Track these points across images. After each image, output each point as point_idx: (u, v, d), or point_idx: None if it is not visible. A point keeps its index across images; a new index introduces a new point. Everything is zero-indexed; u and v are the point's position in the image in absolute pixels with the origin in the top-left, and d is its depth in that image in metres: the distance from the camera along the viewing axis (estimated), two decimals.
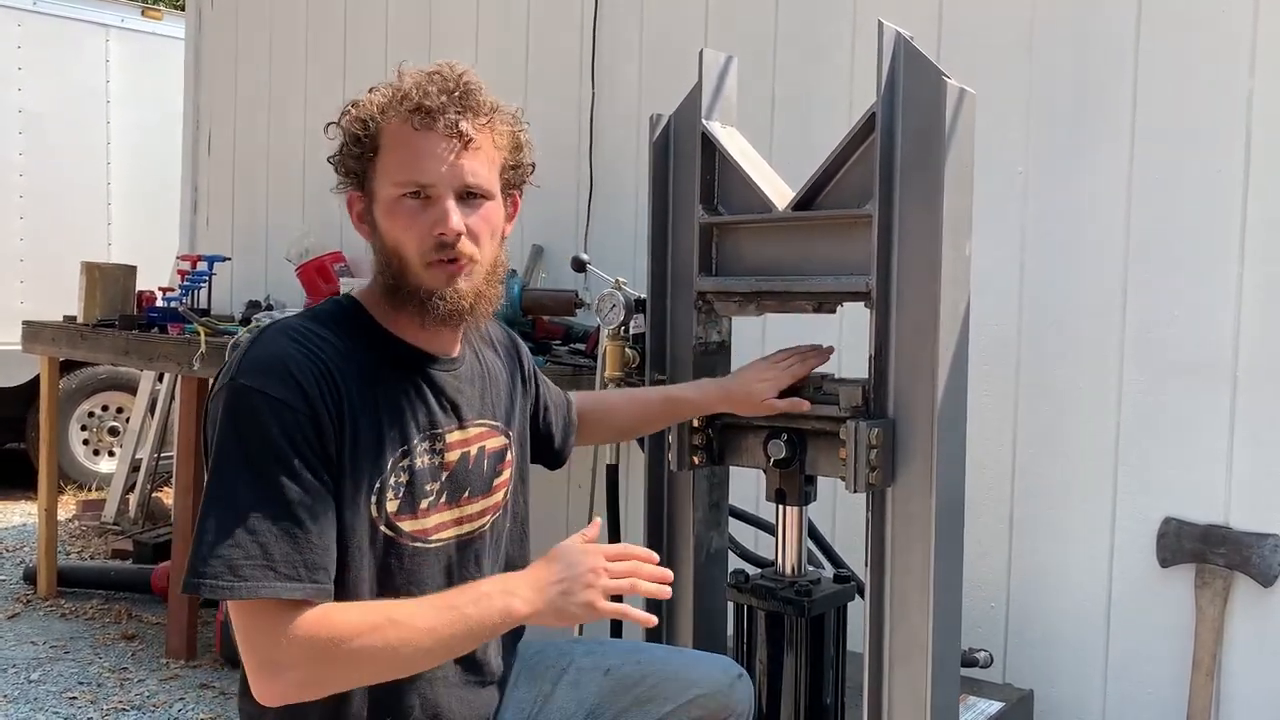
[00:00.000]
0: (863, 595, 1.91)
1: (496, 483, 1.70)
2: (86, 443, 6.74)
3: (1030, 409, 2.73)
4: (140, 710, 3.44)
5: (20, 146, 6.50)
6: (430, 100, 1.49)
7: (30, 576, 4.71)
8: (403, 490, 1.52)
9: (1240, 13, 2.44)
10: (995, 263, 2.70)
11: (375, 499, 1.49)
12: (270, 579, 1.34)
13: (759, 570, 2.17)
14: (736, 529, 2.53)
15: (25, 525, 5.84)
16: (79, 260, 4.73)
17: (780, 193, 2.00)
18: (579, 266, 2.85)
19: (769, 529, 2.52)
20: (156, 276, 5.26)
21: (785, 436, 1.98)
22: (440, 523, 1.58)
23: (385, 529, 1.51)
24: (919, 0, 2.86)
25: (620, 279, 2.62)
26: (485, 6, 3.94)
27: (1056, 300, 2.68)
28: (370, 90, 1.55)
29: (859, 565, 2.00)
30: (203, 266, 4.41)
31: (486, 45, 3.93)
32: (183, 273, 4.54)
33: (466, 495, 1.63)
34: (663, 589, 1.53)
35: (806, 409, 1.94)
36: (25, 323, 4.75)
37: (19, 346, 4.81)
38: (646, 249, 2.19)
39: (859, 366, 1.91)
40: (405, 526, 1.53)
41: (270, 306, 4.22)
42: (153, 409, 5.96)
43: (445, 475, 1.59)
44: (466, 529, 1.63)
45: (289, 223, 4.71)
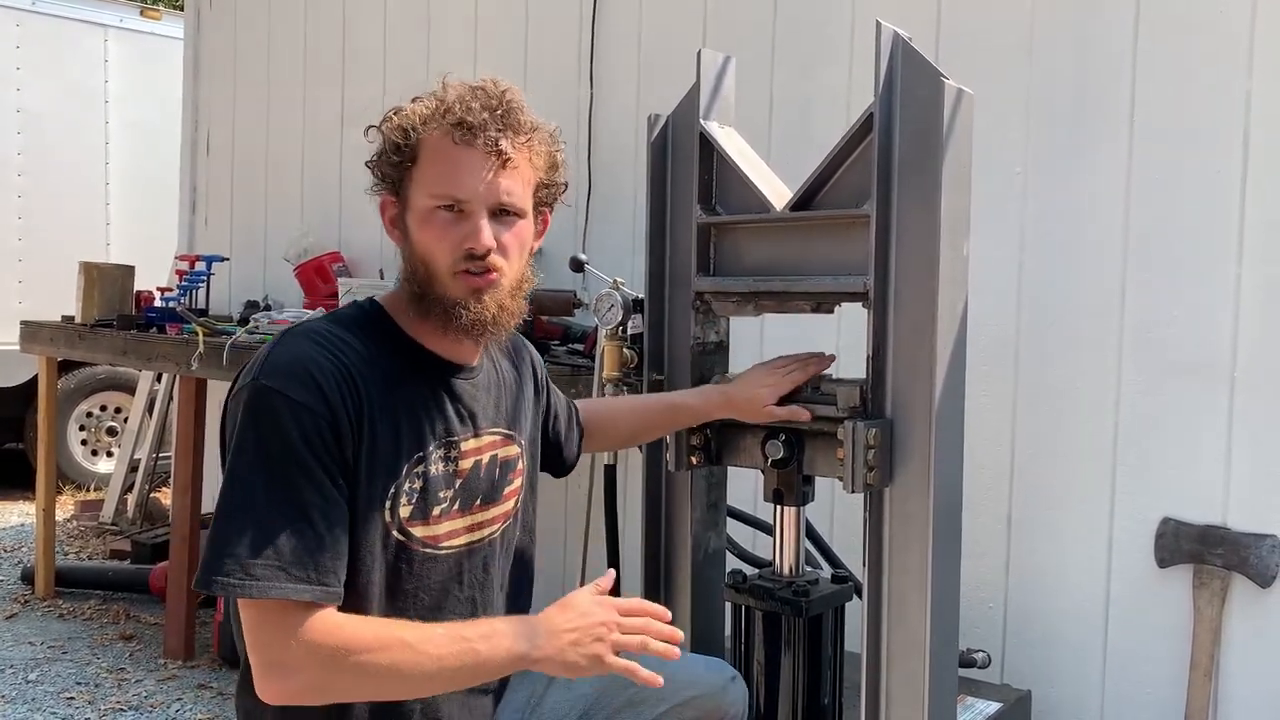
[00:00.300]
0: (860, 595, 1.91)
1: (507, 491, 1.71)
2: (85, 443, 6.74)
3: (1029, 409, 2.72)
4: (138, 710, 3.44)
5: (19, 146, 6.50)
6: (473, 116, 1.50)
7: (28, 577, 4.70)
8: (416, 496, 1.53)
9: (1238, 14, 2.44)
10: (994, 263, 2.70)
11: (389, 504, 1.50)
12: (281, 580, 1.36)
13: (757, 570, 2.17)
14: (734, 529, 2.53)
15: (23, 525, 5.84)
16: (77, 260, 4.73)
17: (778, 193, 2.00)
18: (577, 267, 2.85)
19: (767, 529, 2.52)
20: (155, 276, 5.26)
21: (783, 437, 1.98)
22: (452, 530, 1.59)
23: (397, 534, 1.52)
24: (918, 1, 2.86)
25: (618, 279, 2.62)
26: (484, 7, 3.94)
27: (1055, 300, 2.68)
28: (414, 100, 1.56)
29: (857, 565, 2.00)
30: (201, 266, 4.41)
31: (485, 45, 3.93)
32: (181, 273, 4.54)
33: (478, 503, 1.64)
34: (672, 650, 1.51)
35: (807, 419, 1.93)
36: (23, 322, 4.75)
37: (17, 346, 4.81)
38: (644, 249, 2.19)
39: (857, 367, 1.91)
40: (417, 532, 1.54)
41: (268, 307, 4.22)
42: (151, 409, 5.96)
43: (459, 483, 1.60)
44: (477, 536, 1.64)
45: (287, 223, 4.71)
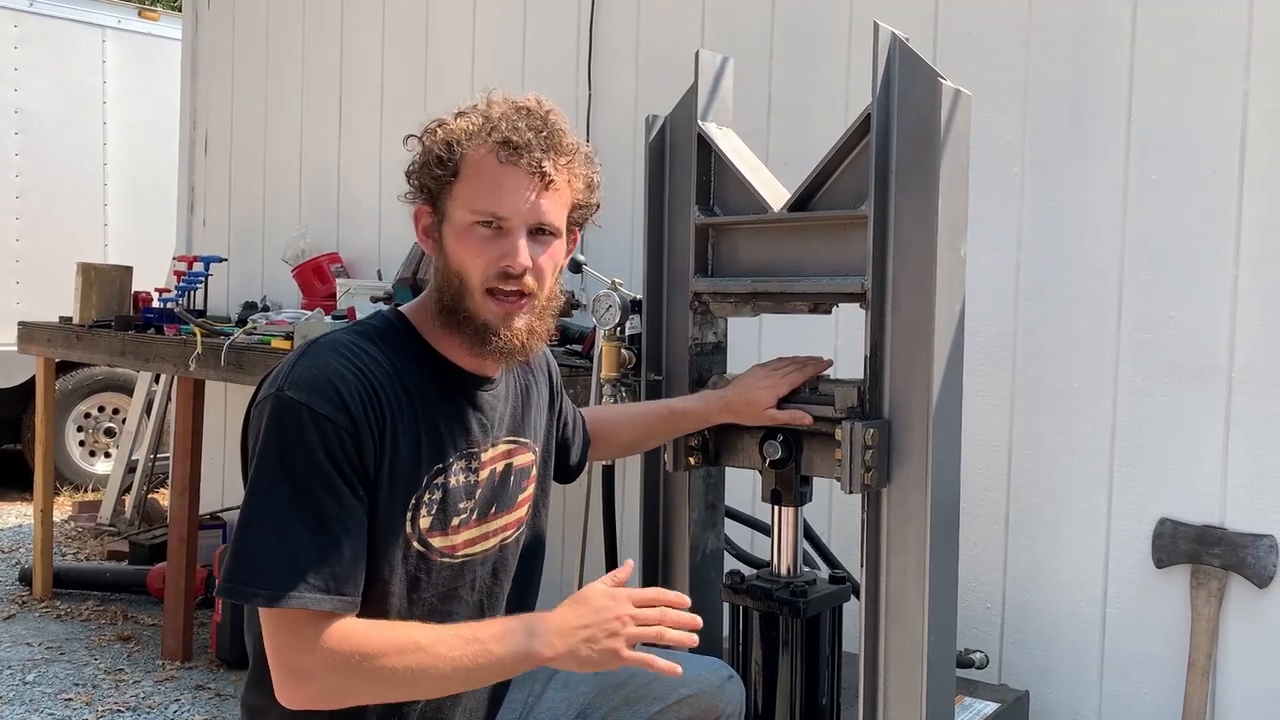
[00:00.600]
0: (858, 596, 1.91)
1: (521, 498, 1.73)
2: (83, 444, 6.73)
3: (1026, 409, 2.73)
4: (136, 711, 3.43)
5: (17, 147, 6.50)
6: (518, 136, 1.51)
7: (26, 578, 4.70)
8: (436, 507, 1.55)
9: (1235, 14, 2.44)
10: (991, 264, 2.70)
11: (410, 515, 1.52)
12: (302, 590, 1.38)
13: (754, 571, 2.17)
14: (732, 529, 2.53)
15: (21, 526, 5.83)
16: (75, 261, 4.73)
17: (776, 194, 2.00)
18: (575, 267, 2.85)
19: (764, 530, 2.52)
20: (153, 277, 5.26)
21: (781, 437, 1.98)
22: (468, 539, 1.61)
23: (418, 544, 1.54)
24: (915, 1, 2.86)
25: (616, 280, 2.62)
26: (481, 8, 3.94)
27: (1052, 301, 2.68)
28: (457, 115, 1.57)
29: (854, 566, 2.00)
30: (199, 267, 4.40)
31: (482, 46, 3.93)
32: (179, 273, 4.54)
33: (494, 511, 1.66)
34: (690, 637, 1.52)
35: (808, 423, 1.93)
36: (21, 323, 4.75)
37: (15, 347, 4.81)
38: (642, 250, 2.19)
39: (854, 367, 1.91)
40: (436, 543, 1.56)
41: (266, 307, 4.22)
42: (149, 410, 5.96)
43: (478, 492, 1.62)
44: (491, 543, 1.66)
45: (285, 224, 4.71)
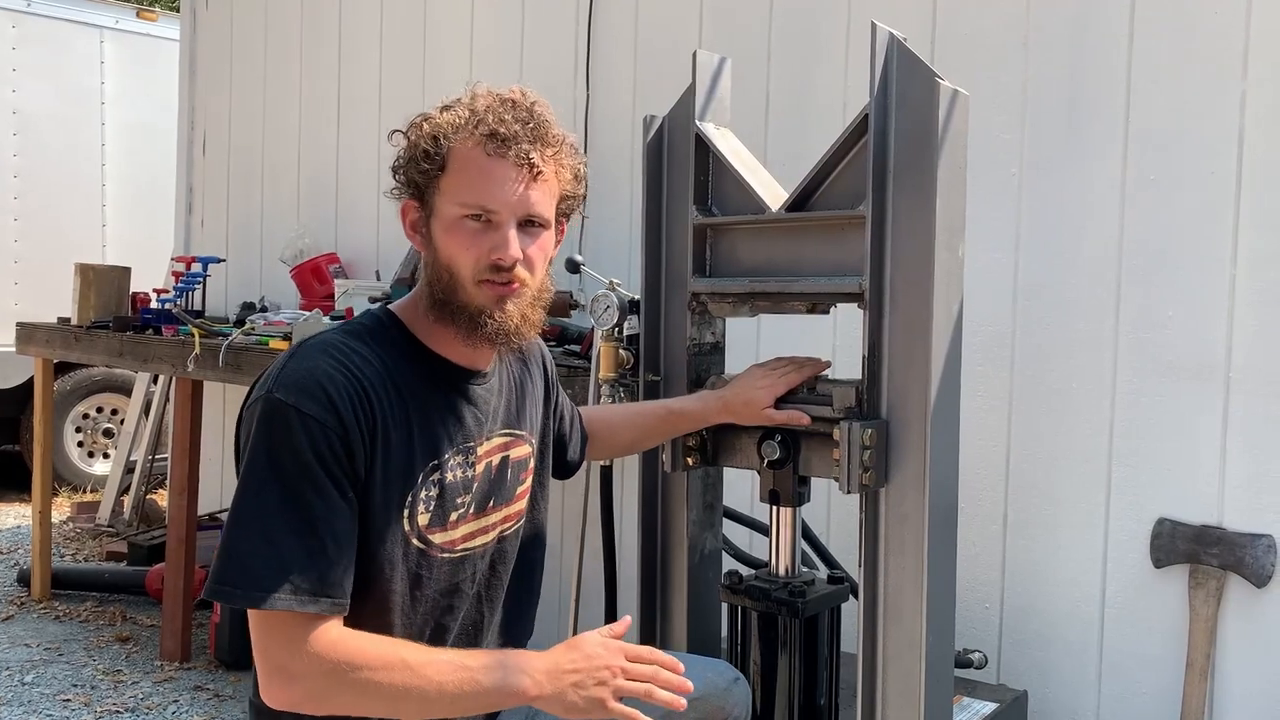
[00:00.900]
0: (856, 596, 1.91)
1: (519, 490, 1.73)
2: (81, 445, 6.73)
3: (1024, 409, 2.73)
4: (134, 712, 3.43)
5: (15, 148, 6.49)
6: (505, 128, 1.51)
7: (25, 578, 4.70)
8: (433, 504, 1.55)
9: (1233, 14, 2.44)
10: (989, 264, 2.70)
11: (407, 513, 1.52)
12: (288, 592, 1.37)
13: (753, 571, 2.17)
14: (730, 530, 2.53)
15: (19, 527, 5.83)
16: (73, 261, 4.73)
17: (774, 194, 2.00)
18: (573, 268, 2.85)
19: (763, 530, 2.52)
20: (151, 278, 5.26)
21: (779, 438, 1.98)
22: (467, 533, 1.61)
23: (417, 542, 1.53)
24: (913, 2, 2.86)
25: (614, 280, 2.62)
26: (480, 7, 3.94)
27: (1050, 301, 2.68)
28: (442, 109, 1.56)
29: (853, 566, 2.00)
30: (197, 268, 4.40)
31: (481, 45, 3.93)
32: (177, 274, 4.53)
33: (492, 504, 1.66)
34: (678, 700, 1.50)
35: (806, 423, 1.93)
36: (19, 324, 4.75)
37: (13, 348, 4.81)
38: (640, 250, 2.19)
39: (852, 367, 1.91)
40: (436, 539, 1.56)
41: (265, 308, 4.22)
42: (147, 411, 5.95)
43: (475, 486, 1.62)
44: (490, 537, 1.66)
45: (283, 224, 4.71)
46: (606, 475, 2.85)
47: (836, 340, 2.82)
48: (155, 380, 5.86)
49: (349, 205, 4.45)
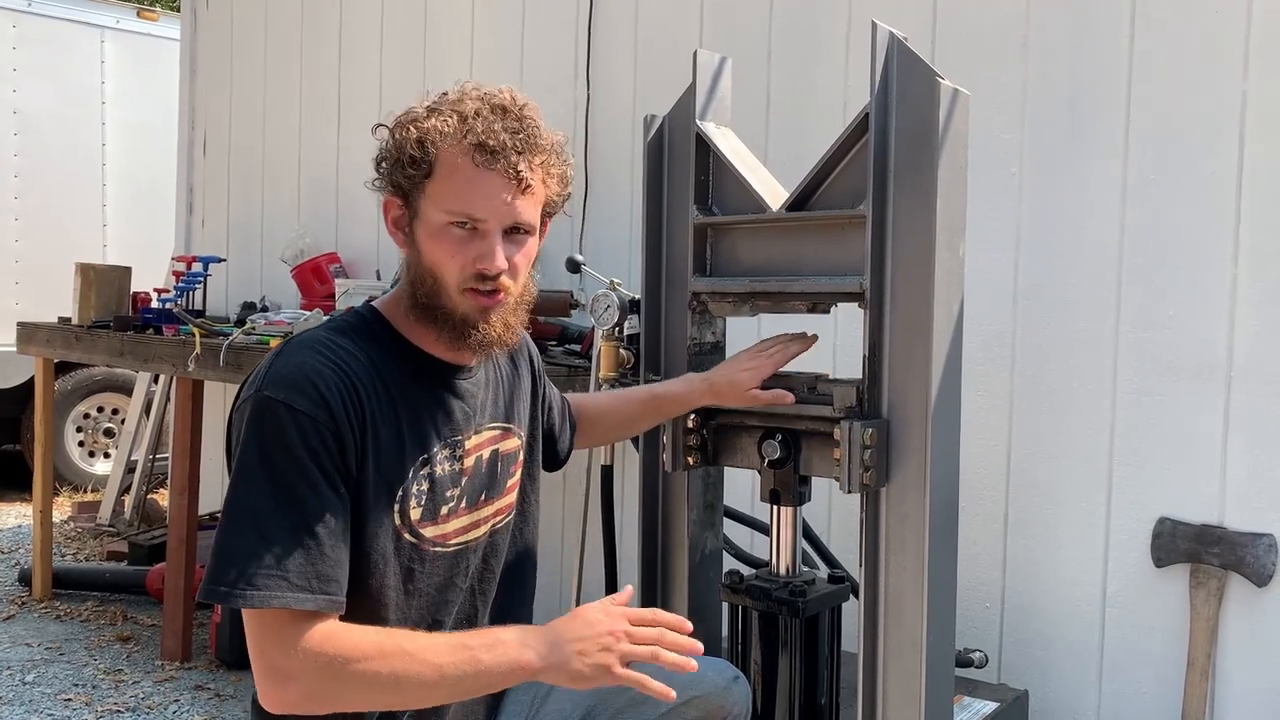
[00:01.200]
0: (857, 595, 1.91)
1: (509, 484, 1.73)
2: (82, 444, 6.73)
3: (1025, 409, 2.73)
4: (135, 712, 3.43)
5: (15, 147, 6.49)
6: (494, 139, 1.50)
7: (25, 578, 4.70)
8: (425, 498, 1.55)
9: (1234, 13, 2.44)
10: (989, 263, 2.70)
11: (399, 507, 1.51)
12: (283, 589, 1.37)
13: (753, 571, 2.17)
14: (731, 529, 2.53)
15: (20, 527, 5.83)
16: (74, 261, 4.72)
17: (774, 193, 2.00)
18: (574, 267, 2.85)
19: (763, 529, 2.52)
20: (152, 277, 5.26)
21: (780, 437, 1.98)
22: (459, 527, 1.62)
23: (409, 536, 1.53)
24: (914, 1, 2.86)
25: (615, 280, 2.62)
26: (480, 7, 3.94)
27: (1051, 300, 2.68)
28: (429, 111, 1.54)
29: (853, 565, 2.00)
30: (198, 267, 4.40)
31: (481, 46, 3.93)
32: (178, 274, 4.53)
33: (482, 498, 1.66)
34: (688, 662, 1.47)
35: (791, 401, 1.94)
36: (20, 324, 4.74)
37: (14, 348, 4.81)
38: (641, 250, 2.19)
39: (853, 367, 1.91)
40: (428, 533, 1.56)
41: (265, 308, 4.22)
42: (148, 410, 5.95)
43: (464, 480, 1.62)
44: (484, 529, 1.67)
45: (284, 224, 4.71)
46: (607, 475, 2.86)
47: (837, 340, 2.82)
48: (156, 380, 5.85)
49: (349, 205, 4.45)
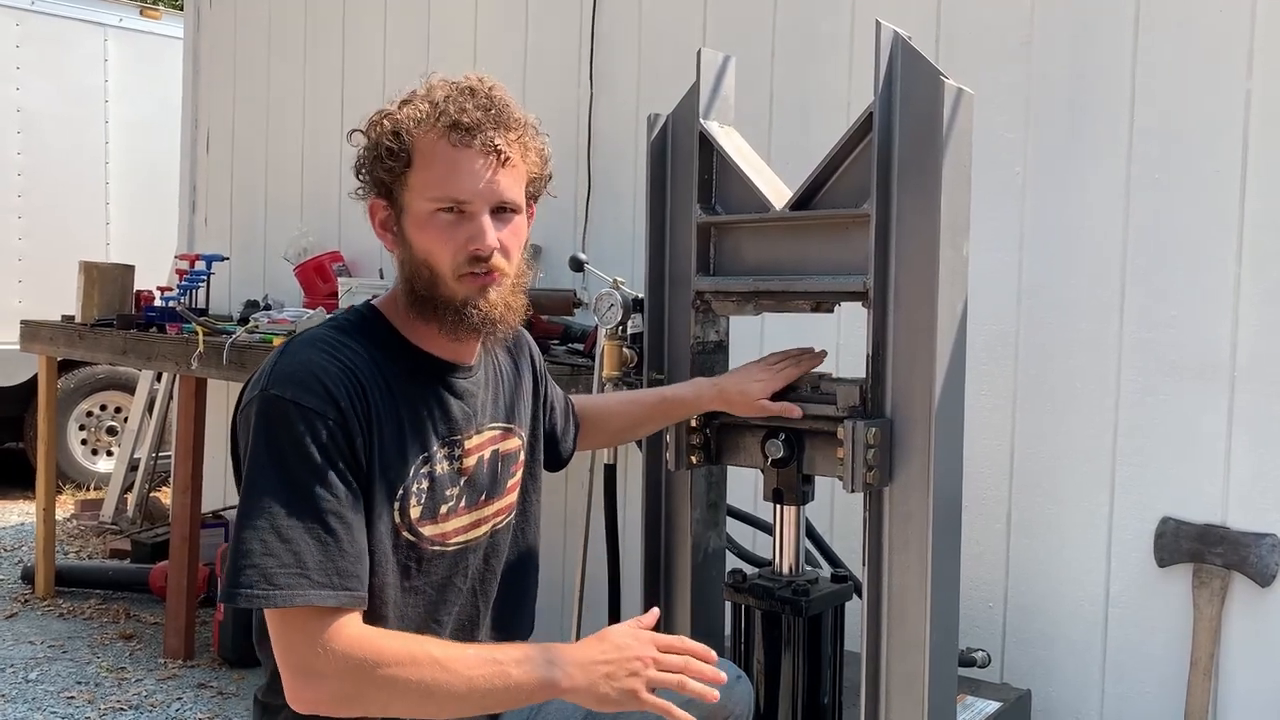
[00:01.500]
0: (860, 595, 1.91)
1: (510, 484, 1.73)
2: (85, 442, 6.74)
3: (1028, 408, 2.73)
4: (138, 710, 3.44)
5: (18, 146, 6.50)
6: (467, 117, 1.50)
7: (28, 576, 4.71)
8: (424, 497, 1.55)
9: (1238, 13, 2.44)
10: (993, 262, 2.70)
11: (399, 506, 1.51)
12: (305, 587, 1.36)
13: (756, 570, 2.17)
14: (734, 528, 2.53)
15: (23, 524, 5.84)
16: (77, 259, 4.73)
17: (778, 192, 2.00)
18: (577, 266, 2.85)
19: (766, 529, 2.52)
20: (155, 276, 5.25)
21: (783, 436, 1.98)
22: (459, 526, 1.61)
23: (408, 534, 1.53)
24: (917, 0, 2.86)
25: (618, 278, 2.62)
26: (483, 6, 3.94)
27: (1054, 300, 2.68)
28: (401, 103, 1.55)
29: (856, 565, 2.00)
30: (201, 266, 4.40)
31: (484, 45, 3.93)
32: (181, 272, 4.54)
33: (483, 498, 1.66)
34: (711, 692, 1.48)
35: (798, 415, 1.94)
36: (23, 322, 4.75)
37: (17, 346, 4.81)
38: (644, 248, 2.19)
39: (856, 366, 1.91)
40: (427, 532, 1.56)
41: (268, 306, 4.22)
42: (151, 408, 5.96)
43: (464, 480, 1.62)
44: (485, 529, 1.66)
45: (287, 222, 4.71)
46: (610, 474, 2.86)
47: (840, 339, 2.81)
48: (159, 378, 5.86)
49: (352, 203, 4.42)
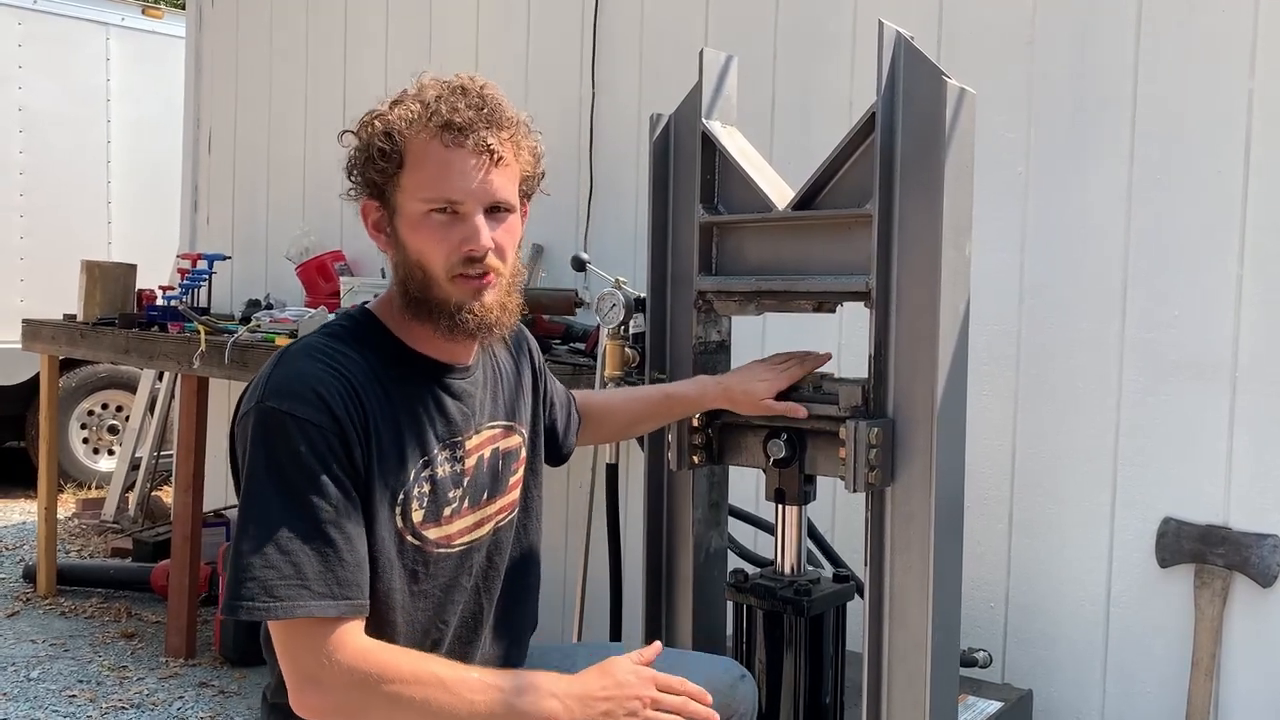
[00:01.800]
0: (862, 595, 1.91)
1: (511, 481, 1.73)
2: (86, 441, 6.74)
3: (1030, 409, 2.73)
4: (139, 708, 3.44)
5: (21, 145, 6.50)
6: (459, 116, 1.49)
7: (30, 575, 4.71)
8: (426, 500, 1.54)
9: (1240, 13, 2.44)
10: (995, 262, 2.70)
11: (400, 510, 1.51)
12: (305, 598, 1.37)
13: (758, 570, 2.17)
14: (736, 528, 2.53)
15: (25, 523, 5.84)
16: (79, 258, 4.73)
17: (780, 192, 2.00)
18: (579, 265, 2.85)
19: (768, 528, 2.52)
20: (157, 275, 5.26)
21: (785, 436, 1.97)
22: (463, 527, 1.61)
23: (412, 538, 1.53)
24: (919, 0, 2.86)
25: (620, 278, 2.62)
26: (485, 7, 3.94)
27: (1056, 300, 2.68)
28: (392, 104, 1.55)
29: (858, 565, 2.00)
30: (203, 265, 4.41)
31: (487, 45, 3.93)
32: (183, 271, 4.55)
33: (485, 497, 1.66)
34: None
35: (803, 415, 1.94)
36: (25, 321, 4.76)
37: (19, 345, 4.82)
38: (646, 248, 2.19)
39: (858, 366, 1.91)
40: (431, 534, 1.55)
41: (270, 305, 4.22)
42: (152, 407, 5.97)
43: (466, 480, 1.61)
44: (487, 529, 1.66)
45: (289, 221, 4.71)
46: (612, 474, 2.86)
47: (842, 339, 2.82)
48: (160, 377, 5.86)
49: (354, 203, 4.45)
